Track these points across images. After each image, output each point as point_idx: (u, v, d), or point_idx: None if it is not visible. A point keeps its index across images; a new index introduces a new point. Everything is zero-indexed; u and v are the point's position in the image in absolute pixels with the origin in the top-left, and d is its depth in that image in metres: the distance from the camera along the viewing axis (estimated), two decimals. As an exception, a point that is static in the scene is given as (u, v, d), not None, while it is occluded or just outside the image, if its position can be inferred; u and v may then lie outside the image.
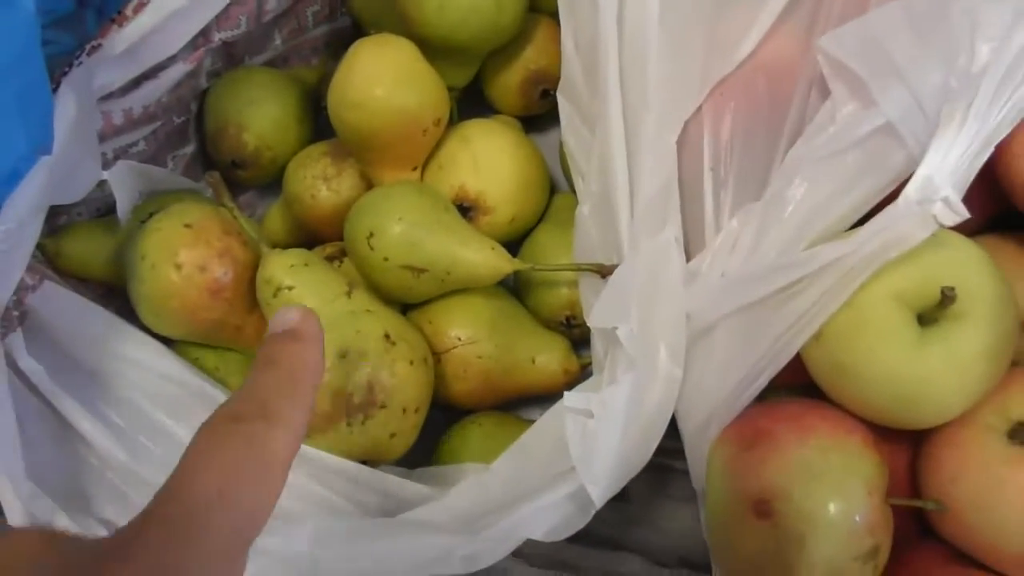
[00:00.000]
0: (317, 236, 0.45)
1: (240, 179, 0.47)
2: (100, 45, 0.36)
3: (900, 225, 0.25)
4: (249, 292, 0.38)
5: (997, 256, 0.28)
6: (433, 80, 0.41)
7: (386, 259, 0.37)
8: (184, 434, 0.37)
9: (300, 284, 0.36)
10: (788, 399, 0.31)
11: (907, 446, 0.31)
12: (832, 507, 0.27)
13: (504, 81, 0.46)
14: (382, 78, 0.39)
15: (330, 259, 0.42)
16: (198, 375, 0.37)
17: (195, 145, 0.48)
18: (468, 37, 0.41)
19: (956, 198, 0.25)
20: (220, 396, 0.37)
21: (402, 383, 0.35)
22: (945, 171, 0.24)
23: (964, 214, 0.25)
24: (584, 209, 0.37)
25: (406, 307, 0.41)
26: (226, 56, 0.46)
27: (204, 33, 0.42)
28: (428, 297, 0.40)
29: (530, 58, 0.45)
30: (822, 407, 0.29)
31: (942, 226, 0.25)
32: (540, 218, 0.45)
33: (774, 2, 0.35)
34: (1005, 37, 0.26)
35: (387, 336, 0.35)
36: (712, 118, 0.36)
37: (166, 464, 0.20)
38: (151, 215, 0.38)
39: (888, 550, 0.28)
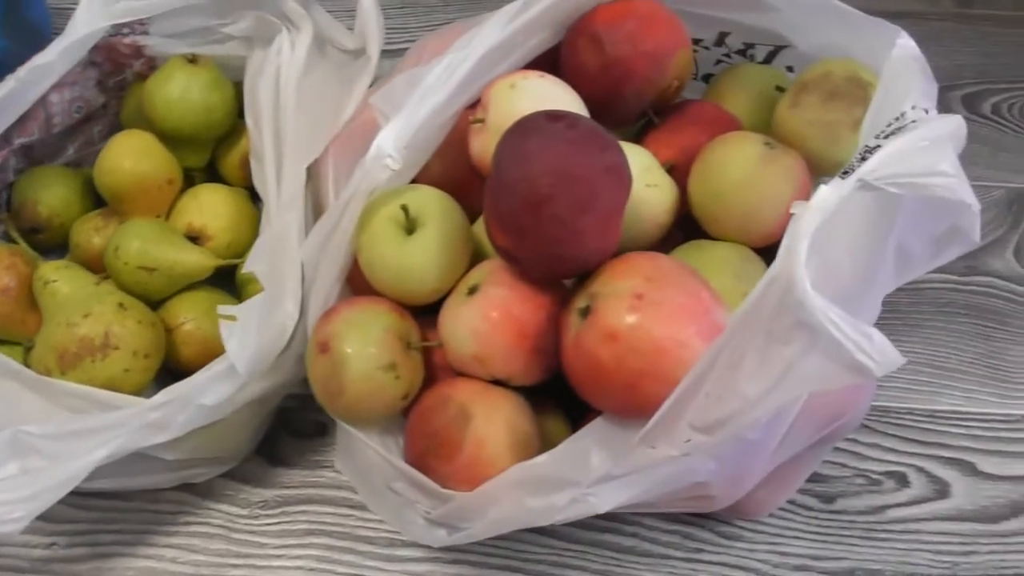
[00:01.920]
0: (92, 272, 0.63)
1: (38, 242, 0.65)
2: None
3: (370, 173, 0.46)
4: (29, 295, 0.56)
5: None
6: (164, 155, 0.62)
7: (126, 263, 0.56)
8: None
9: (61, 278, 0.55)
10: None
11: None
12: (360, 339, 0.46)
13: (229, 161, 0.67)
14: (127, 153, 0.60)
15: (99, 282, 0.60)
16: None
17: (2, 226, 0.66)
18: (191, 130, 0.63)
19: (397, 156, 0.46)
20: (12, 364, 0.53)
21: (131, 334, 0.53)
22: (389, 141, 0.46)
23: (398, 165, 0.46)
24: (263, 216, 0.58)
25: (156, 305, 0.60)
26: (28, 158, 0.66)
27: (5, 137, 0.62)
28: (166, 292, 0.59)
29: (243, 146, 0.66)
30: (366, 296, 0.49)
31: (393, 171, 0.46)
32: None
33: (360, 86, 0.58)
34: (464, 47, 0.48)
35: (121, 304, 0.54)
36: (333, 155, 0.57)
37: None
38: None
39: (413, 369, 0.47)
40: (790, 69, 0.58)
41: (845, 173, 0.32)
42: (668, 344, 0.39)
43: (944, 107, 0.76)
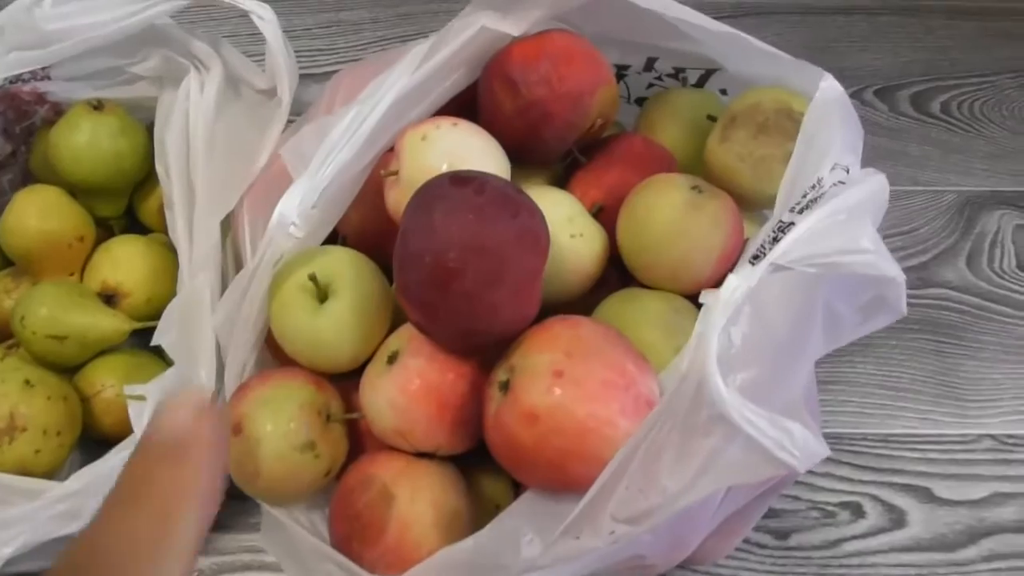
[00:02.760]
0: (4, 336, 0.60)
1: (-52, 305, 0.61)
2: None
3: (275, 241, 0.43)
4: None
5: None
6: (73, 210, 0.58)
7: (34, 333, 0.53)
8: None
9: (-39, 355, 0.51)
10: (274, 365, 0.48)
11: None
12: (273, 419, 0.43)
13: (148, 207, 0.64)
14: (32, 212, 0.57)
15: (10, 347, 0.57)
16: None
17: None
18: (102, 179, 0.59)
19: (300, 223, 0.43)
20: None
21: (39, 412, 0.50)
22: (293, 206, 0.43)
23: (302, 233, 0.43)
24: (179, 273, 0.55)
25: (73, 371, 0.57)
26: (-68, 216, 0.62)
27: (-94, 198, 0.58)
28: (80, 358, 0.55)
29: (160, 191, 0.63)
30: (281, 368, 0.46)
31: (297, 239, 0.43)
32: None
33: (273, 130, 0.55)
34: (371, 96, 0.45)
35: (27, 381, 0.51)
36: (248, 206, 0.54)
37: None
38: None
39: (333, 444, 0.45)
40: (724, 92, 0.55)
41: (756, 258, 0.29)
42: (592, 423, 0.36)
43: (892, 107, 0.74)
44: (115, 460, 0.47)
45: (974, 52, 0.77)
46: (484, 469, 0.48)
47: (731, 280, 0.29)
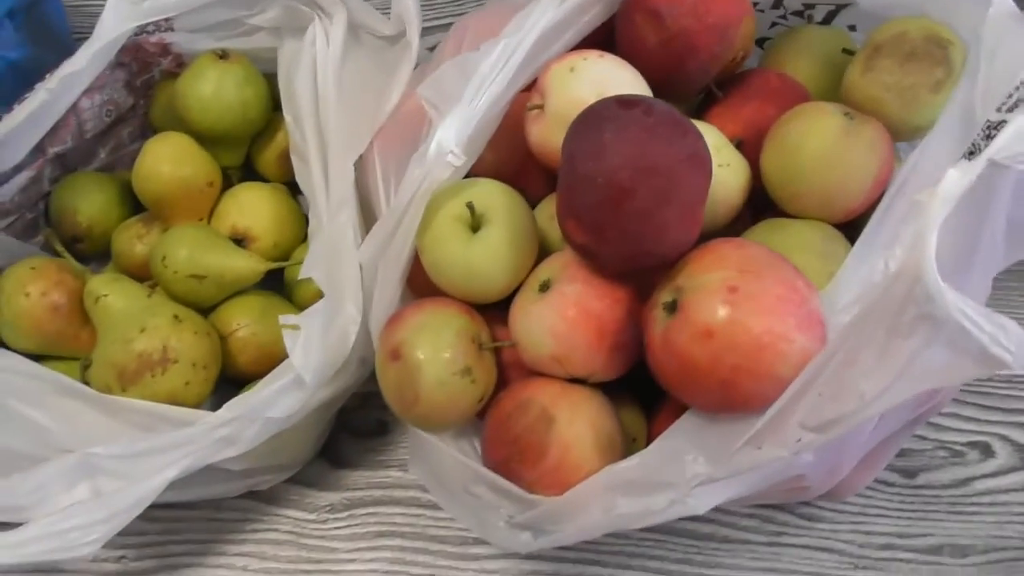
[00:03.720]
0: (137, 279, 0.61)
1: (80, 252, 0.63)
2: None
3: (432, 170, 0.44)
4: (81, 309, 0.55)
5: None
6: (203, 157, 0.60)
7: (176, 272, 0.55)
8: (46, 420, 0.51)
9: (112, 292, 0.53)
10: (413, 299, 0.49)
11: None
12: (432, 344, 0.44)
13: (266, 158, 0.65)
14: (165, 158, 0.58)
15: (151, 287, 0.59)
16: (53, 372, 0.53)
17: (43, 238, 0.64)
18: (227, 128, 0.60)
19: (459, 151, 0.44)
20: (75, 384, 0.51)
21: (188, 346, 0.51)
22: (451, 135, 0.44)
23: (461, 161, 0.44)
24: (311, 216, 0.56)
25: (207, 312, 0.58)
26: (62, 166, 0.64)
27: (40, 148, 0.60)
28: (216, 298, 0.57)
29: (281, 141, 0.64)
30: (432, 298, 0.47)
31: (455, 168, 0.44)
32: (302, 241, 0.63)
33: (401, 73, 0.56)
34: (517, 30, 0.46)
35: (176, 316, 0.52)
36: (378, 148, 0.55)
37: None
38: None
39: (487, 371, 0.45)
40: (852, 28, 0.55)
41: (971, 153, 0.29)
42: (768, 339, 0.37)
43: None
44: (265, 392, 0.48)
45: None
46: (620, 400, 0.48)
47: (951, 175, 0.29)
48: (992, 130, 0.30)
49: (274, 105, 0.63)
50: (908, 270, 0.29)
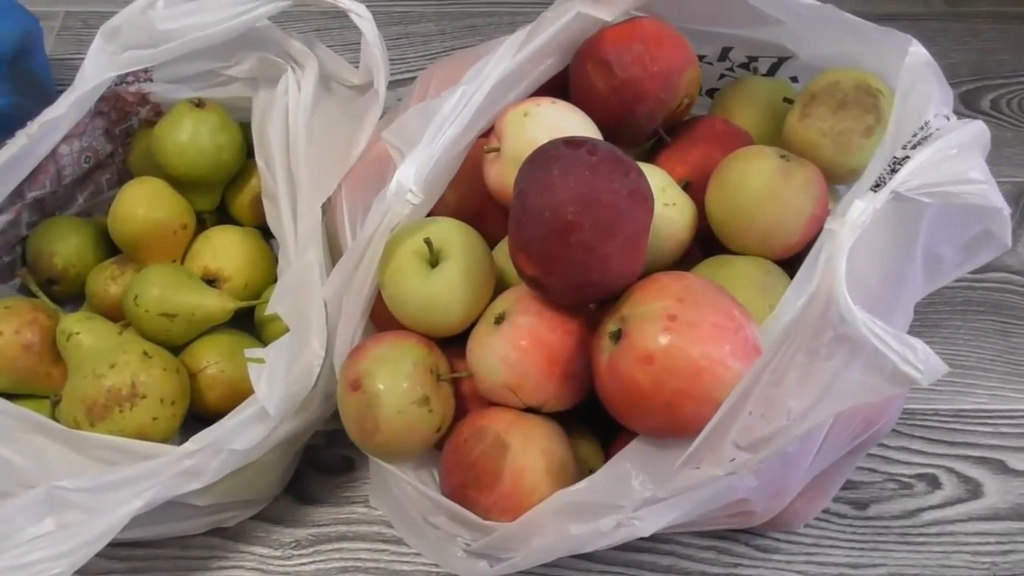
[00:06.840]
0: (110, 320, 0.63)
1: (56, 294, 0.64)
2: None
3: (392, 208, 0.46)
4: (53, 348, 0.56)
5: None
6: (177, 200, 0.62)
7: (147, 311, 0.56)
8: (14, 456, 0.52)
9: (84, 330, 0.55)
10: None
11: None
12: (391, 375, 0.46)
13: (240, 202, 0.67)
14: (140, 201, 0.60)
15: (123, 326, 0.60)
16: (22, 408, 0.54)
17: (18, 281, 0.66)
18: (202, 173, 0.63)
19: (418, 190, 0.46)
20: (44, 420, 0.52)
21: (157, 382, 0.53)
22: (410, 175, 0.46)
23: (419, 199, 0.46)
24: (280, 256, 0.58)
25: (178, 350, 0.59)
26: (40, 211, 0.66)
27: (19, 192, 0.62)
28: (187, 337, 0.58)
29: (254, 186, 0.66)
30: (393, 331, 0.49)
31: (413, 206, 0.46)
32: (273, 282, 0.64)
33: (369, 120, 0.58)
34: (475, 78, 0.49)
35: (146, 353, 0.54)
36: (346, 190, 0.58)
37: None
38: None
39: (444, 402, 0.47)
40: (794, 79, 0.58)
41: (877, 186, 0.32)
42: (705, 363, 0.39)
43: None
44: (229, 424, 0.49)
45: (1021, 52, 0.81)
46: (578, 433, 0.50)
47: (857, 204, 0.32)
48: (896, 165, 0.33)
49: (248, 152, 0.65)
50: (822, 292, 0.31)
